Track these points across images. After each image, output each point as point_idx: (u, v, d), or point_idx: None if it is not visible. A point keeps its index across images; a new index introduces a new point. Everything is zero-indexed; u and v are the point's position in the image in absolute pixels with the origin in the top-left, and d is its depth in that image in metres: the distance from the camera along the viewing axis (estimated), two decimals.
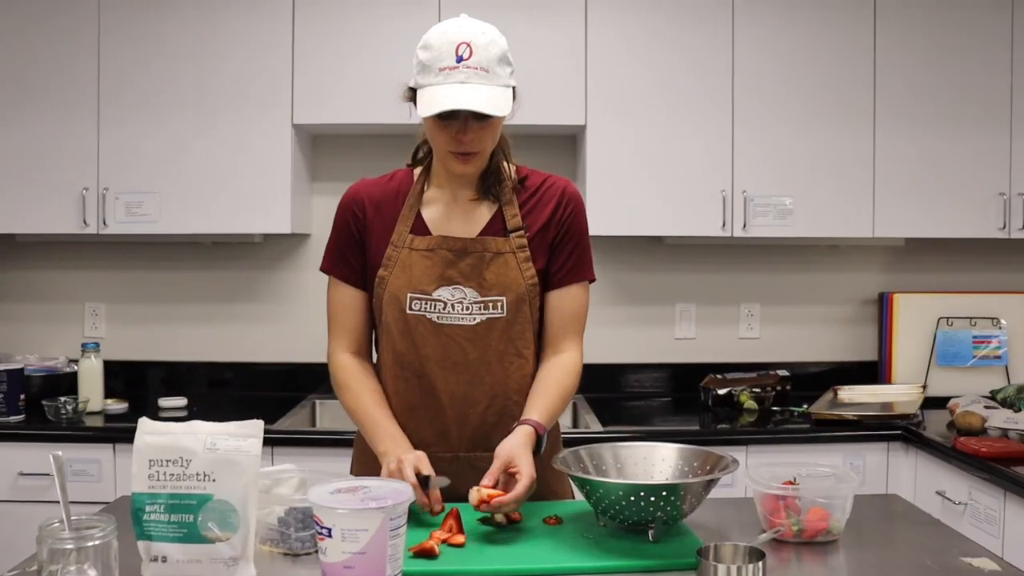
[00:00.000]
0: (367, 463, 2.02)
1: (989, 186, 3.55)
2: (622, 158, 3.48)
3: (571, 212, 2.02)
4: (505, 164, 2.03)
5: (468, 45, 1.82)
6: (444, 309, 1.95)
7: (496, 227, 1.99)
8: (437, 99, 1.81)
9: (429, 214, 2.01)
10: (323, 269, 2.09)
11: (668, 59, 3.49)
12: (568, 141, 3.82)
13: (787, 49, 3.50)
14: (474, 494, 1.72)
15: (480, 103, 1.80)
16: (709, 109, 3.49)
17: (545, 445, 1.90)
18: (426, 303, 1.95)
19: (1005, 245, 3.91)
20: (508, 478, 1.78)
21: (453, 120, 1.85)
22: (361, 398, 1.99)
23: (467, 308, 1.95)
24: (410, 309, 1.95)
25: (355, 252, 2.03)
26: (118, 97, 3.42)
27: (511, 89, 1.87)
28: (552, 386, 1.97)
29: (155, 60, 3.43)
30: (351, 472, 2.14)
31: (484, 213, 2.01)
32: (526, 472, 1.76)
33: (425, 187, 2.04)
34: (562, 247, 2.01)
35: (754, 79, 3.49)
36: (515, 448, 1.81)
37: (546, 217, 2.00)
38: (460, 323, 1.95)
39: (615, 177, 3.48)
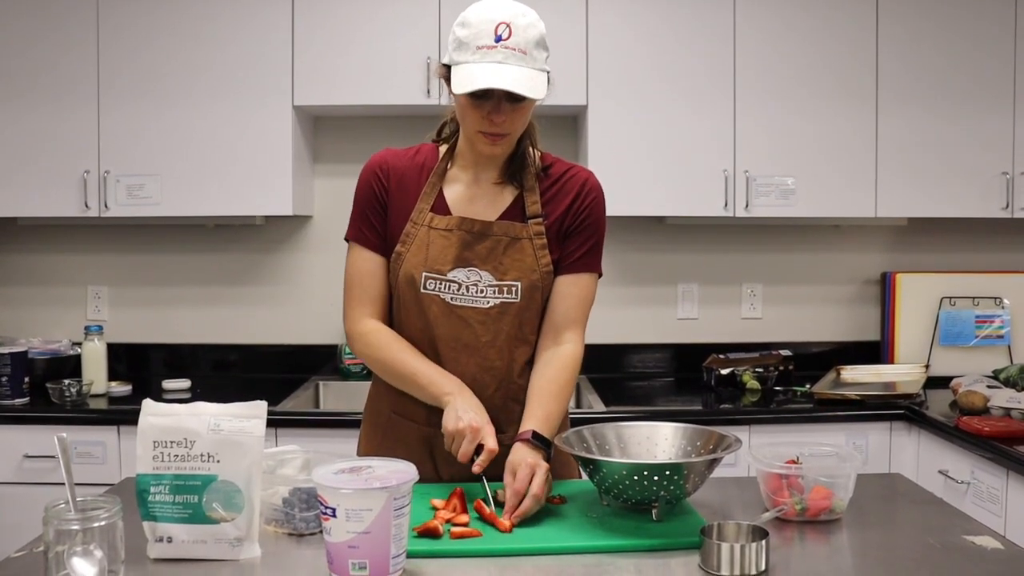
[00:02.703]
0: (376, 439, 2.05)
1: (992, 166, 3.54)
2: (624, 138, 3.47)
3: (591, 202, 2.02)
4: (531, 150, 2.02)
5: (508, 26, 1.80)
6: (458, 291, 1.94)
7: (516, 212, 1.98)
8: (474, 77, 1.78)
9: (451, 193, 1.99)
10: (347, 237, 2.03)
11: (670, 38, 3.47)
12: (570, 121, 3.81)
13: (789, 28, 3.48)
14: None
15: (517, 84, 1.78)
16: (711, 89, 3.48)
17: (553, 447, 1.86)
18: (440, 283, 1.94)
19: (1008, 225, 3.91)
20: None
21: (487, 100, 1.83)
22: (404, 353, 1.96)
23: (481, 291, 1.94)
24: (424, 288, 1.94)
25: (379, 218, 2.00)
26: (118, 80, 3.41)
27: (546, 73, 1.86)
28: (554, 391, 1.93)
29: (155, 42, 3.42)
30: (358, 451, 2.14)
31: (506, 197, 1.99)
32: (531, 482, 1.73)
33: (449, 166, 2.02)
34: (577, 235, 2.00)
35: (756, 58, 3.47)
36: (514, 464, 1.78)
37: (565, 207, 2.00)
38: (474, 305, 1.94)
39: (617, 157, 3.47)
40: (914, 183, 3.53)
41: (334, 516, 1.41)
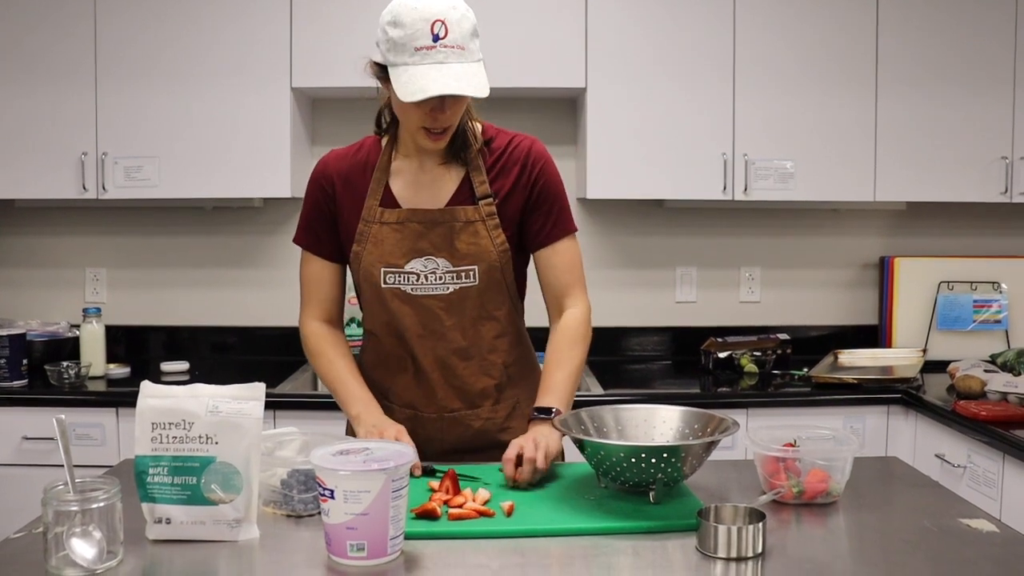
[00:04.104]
0: None
1: (991, 150, 3.53)
2: (623, 121, 3.46)
3: (539, 172, 2.02)
4: (471, 124, 2.01)
5: (443, 23, 1.77)
6: (417, 281, 1.98)
7: (464, 195, 2.00)
8: (420, 83, 1.77)
9: (397, 186, 2.02)
10: (296, 241, 2.11)
11: (669, 22, 3.46)
12: (568, 104, 3.80)
13: (789, 12, 3.47)
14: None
15: (466, 85, 1.78)
16: (710, 72, 3.47)
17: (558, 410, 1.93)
18: (399, 275, 1.98)
19: (1007, 209, 3.90)
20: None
21: (432, 100, 1.81)
22: (334, 364, 2.06)
23: (440, 278, 1.98)
24: (384, 283, 1.99)
25: (325, 226, 2.05)
26: (116, 62, 3.40)
27: (482, 63, 1.84)
28: (564, 363, 2.01)
29: (153, 24, 3.40)
30: (347, 434, 2.16)
31: (452, 181, 2.01)
32: (530, 446, 1.81)
33: (393, 156, 2.04)
34: (538, 208, 2.02)
35: (756, 41, 3.46)
36: (520, 441, 1.84)
37: (512, 181, 2.00)
38: (434, 293, 1.98)
39: (616, 140, 3.47)
40: (913, 167, 3.52)
41: (332, 498, 1.41)
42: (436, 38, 1.77)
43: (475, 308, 2.00)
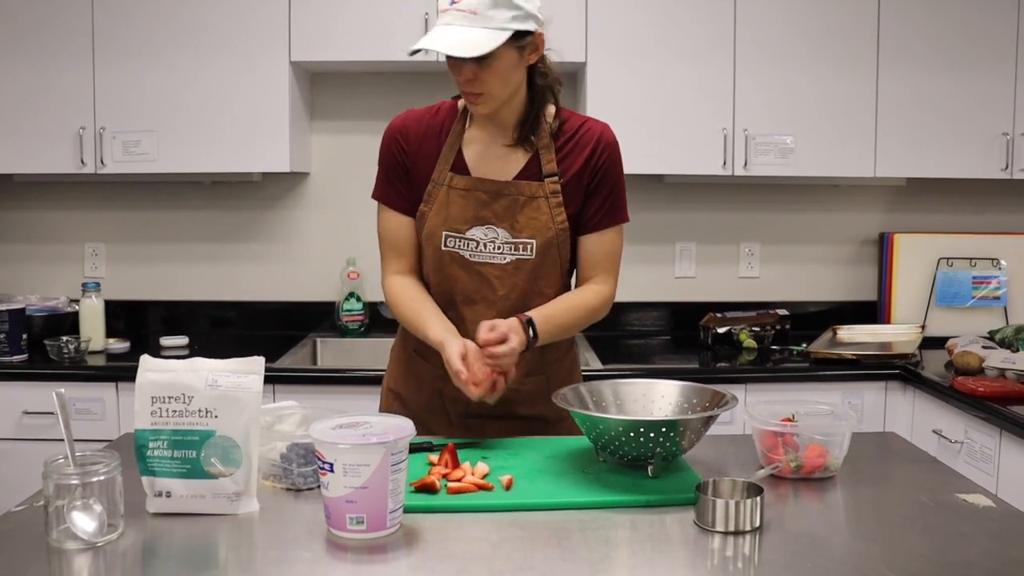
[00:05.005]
0: (398, 373, 2.20)
1: (992, 126, 3.52)
2: (623, 96, 3.45)
3: (607, 158, 2.04)
4: (550, 109, 2.04)
5: None
6: (476, 248, 2.01)
7: (532, 171, 2.02)
8: (422, 40, 1.86)
9: (469, 154, 2.04)
10: (374, 196, 2.13)
11: None
12: (568, 79, 3.78)
13: None
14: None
15: (446, 44, 1.81)
16: (711, 47, 3.45)
17: (538, 337, 1.95)
18: (460, 240, 2.01)
19: (1007, 186, 3.90)
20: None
21: (452, 61, 1.88)
22: (414, 302, 2.05)
23: (499, 248, 2.01)
24: (444, 246, 2.02)
25: (402, 181, 2.07)
26: (113, 35, 3.38)
27: (510, 32, 1.84)
28: (564, 298, 2.04)
29: None
30: (383, 383, 2.26)
31: (521, 157, 2.03)
32: (504, 329, 1.87)
33: (468, 125, 2.07)
34: (597, 193, 2.04)
35: (757, 16, 3.44)
36: (496, 322, 1.90)
37: (581, 163, 2.02)
38: (491, 261, 2.01)
39: (615, 115, 3.40)
40: (913, 143, 3.51)
41: (332, 471, 1.42)
42: (453, 2, 1.83)
43: (528, 281, 2.02)
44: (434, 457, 1.77)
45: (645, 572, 1.35)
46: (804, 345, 3.47)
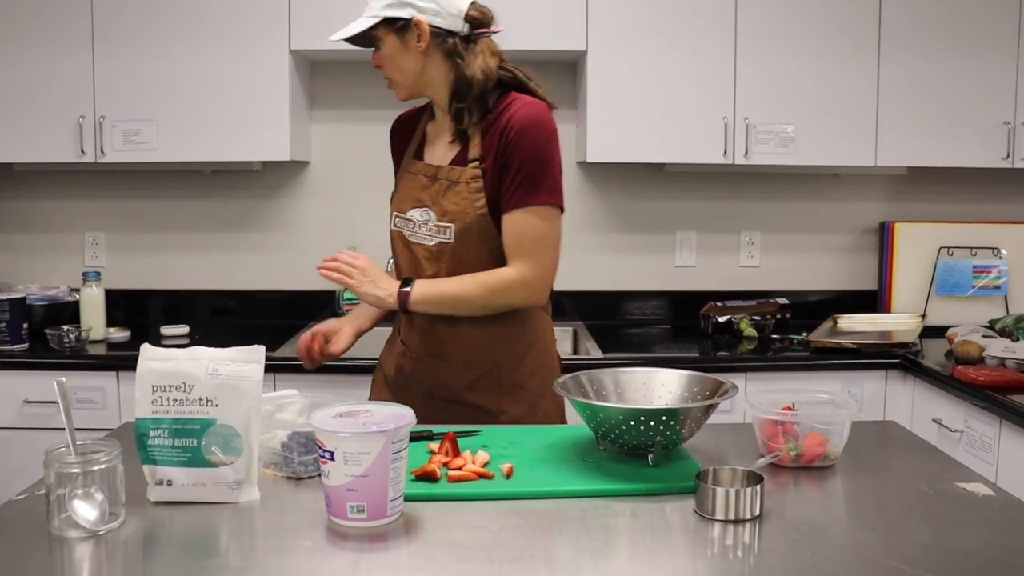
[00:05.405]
0: (385, 354, 2.35)
1: (993, 115, 3.52)
2: (623, 84, 3.44)
3: (513, 138, 2.03)
4: (478, 103, 2.08)
5: None
6: (413, 228, 2.14)
7: (462, 157, 2.11)
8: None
9: (429, 142, 2.21)
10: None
11: None
12: (569, 67, 3.78)
13: None
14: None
15: (337, 33, 2.12)
16: (712, 35, 3.44)
17: (412, 288, 2.07)
18: (402, 220, 2.17)
19: (1008, 175, 3.89)
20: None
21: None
22: None
23: (429, 230, 2.11)
24: (394, 225, 2.19)
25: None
26: (113, 24, 3.37)
27: (379, 18, 2.06)
28: (458, 279, 2.08)
29: None
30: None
31: (460, 144, 2.13)
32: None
33: (435, 117, 2.22)
34: (506, 173, 2.05)
35: (758, 4, 3.43)
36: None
37: (495, 146, 2.06)
38: (423, 243, 2.13)
39: (616, 104, 3.45)
40: (914, 132, 3.51)
41: (332, 460, 1.42)
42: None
43: (451, 264, 2.09)
44: (435, 445, 1.77)
45: (645, 560, 1.36)
46: (804, 334, 3.47)
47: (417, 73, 2.10)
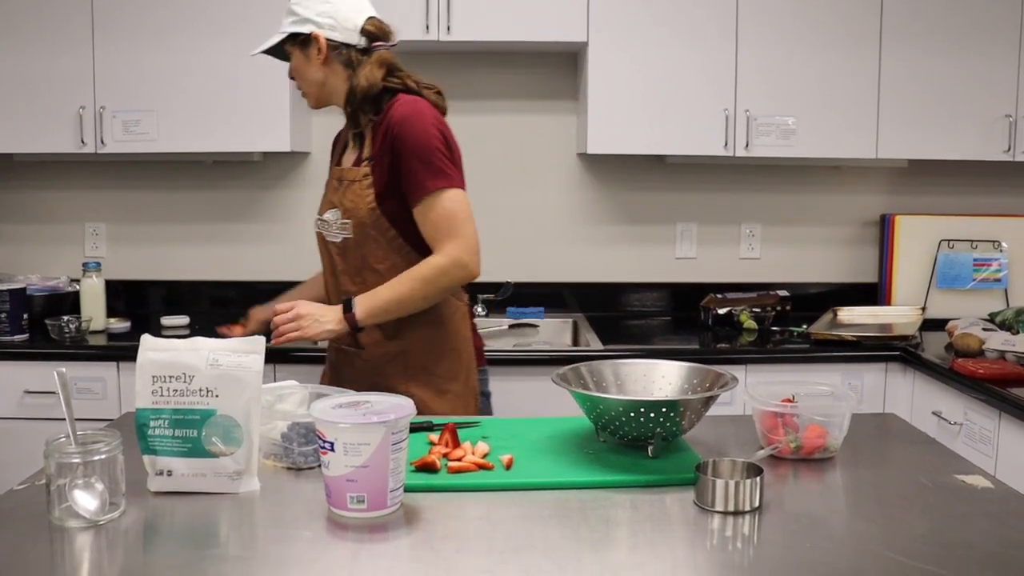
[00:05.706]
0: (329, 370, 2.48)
1: (995, 108, 3.51)
2: (624, 76, 3.44)
3: (395, 133, 2.16)
4: (369, 108, 2.23)
5: None
6: (327, 227, 2.30)
7: (359, 158, 2.26)
8: None
9: (347, 148, 2.35)
10: None
11: None
12: (570, 59, 3.77)
13: None
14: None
15: (256, 49, 2.34)
16: (713, 27, 3.43)
17: (355, 306, 2.17)
18: (321, 222, 2.34)
19: (1009, 168, 3.89)
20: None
21: None
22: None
23: (338, 228, 2.26)
24: (316, 227, 2.37)
25: None
26: (113, 15, 3.36)
27: (285, 34, 2.27)
28: (392, 281, 2.17)
29: None
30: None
31: (357, 146, 2.29)
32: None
33: None
34: (401, 168, 2.16)
35: None
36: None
37: (380, 143, 2.19)
38: (334, 240, 2.28)
39: (617, 95, 3.44)
40: (916, 125, 3.50)
41: (332, 450, 1.42)
42: None
43: (357, 259, 2.24)
44: (434, 436, 1.78)
45: (645, 551, 1.36)
46: (804, 326, 3.47)
47: (320, 83, 2.29)
